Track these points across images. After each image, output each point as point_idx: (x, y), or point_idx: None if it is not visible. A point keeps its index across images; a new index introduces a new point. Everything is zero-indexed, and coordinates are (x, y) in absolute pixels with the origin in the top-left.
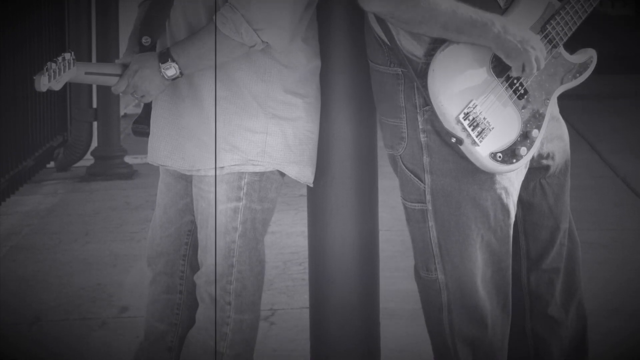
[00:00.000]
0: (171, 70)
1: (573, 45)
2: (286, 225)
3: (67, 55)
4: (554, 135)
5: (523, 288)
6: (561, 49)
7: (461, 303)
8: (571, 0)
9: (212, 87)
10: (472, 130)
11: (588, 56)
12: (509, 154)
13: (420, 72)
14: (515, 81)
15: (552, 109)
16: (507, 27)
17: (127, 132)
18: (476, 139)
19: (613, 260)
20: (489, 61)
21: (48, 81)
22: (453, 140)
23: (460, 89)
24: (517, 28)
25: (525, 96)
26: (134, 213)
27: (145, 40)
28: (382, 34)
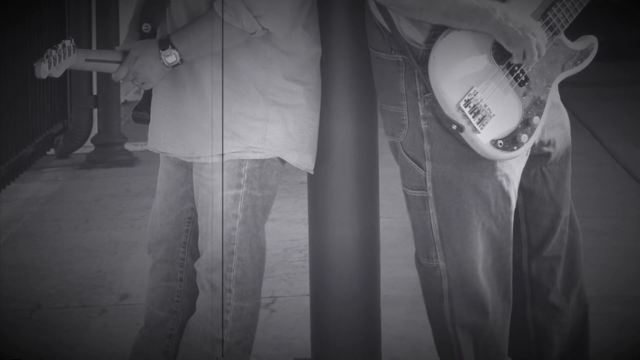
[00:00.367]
0: (171, 57)
1: (574, 32)
2: (287, 212)
3: (67, 42)
4: (555, 122)
5: (524, 275)
6: (562, 36)
7: (462, 290)
8: None
9: (212, 74)
10: (473, 117)
11: (589, 43)
12: (510, 141)
13: (421, 59)
14: (516, 68)
15: (553, 96)
16: (508, 14)
17: (128, 119)
18: (477, 126)
19: (614, 247)
20: (490, 48)
21: (48, 68)
22: (454, 127)
23: (461, 76)
24: (518, 15)
25: (526, 83)
26: (134, 200)
27: (145, 27)
28: (383, 21)
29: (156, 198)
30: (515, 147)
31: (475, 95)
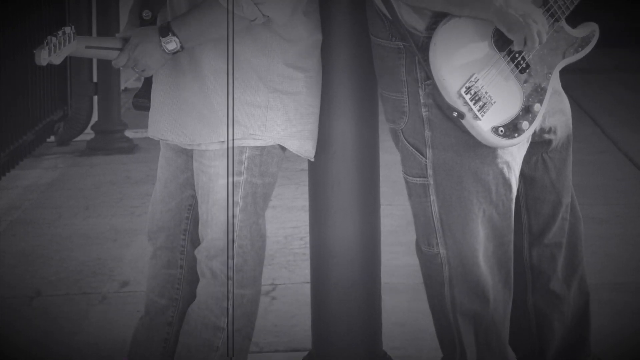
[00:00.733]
0: (172, 44)
1: (575, 19)
2: (287, 199)
3: (68, 29)
4: (556, 109)
5: (525, 263)
6: (563, 23)
7: (463, 278)
8: None
9: (213, 61)
10: (474, 104)
11: (590, 30)
12: (511, 128)
13: (421, 46)
14: (517, 55)
15: (554, 83)
16: (509, 1)
17: (128, 106)
18: (478, 113)
19: (615, 235)
20: (491, 35)
21: (48, 55)
22: (455, 114)
23: (461, 63)
24: (519, 2)
25: (527, 70)
26: (135, 187)
27: (145, 14)
28: (384, 8)
29: (156, 185)
30: (516, 134)
31: (476, 82)
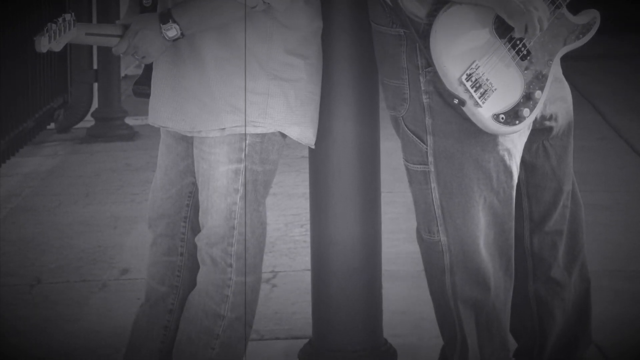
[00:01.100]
0: (172, 31)
1: (576, 6)
2: (288, 187)
3: (68, 16)
4: (557, 96)
5: (526, 250)
6: (564, 10)
7: (464, 265)
8: None
9: (213, 48)
10: (475, 91)
11: (591, 17)
12: (512, 115)
13: (422, 33)
14: (518, 42)
15: (555, 70)
16: None
17: (128, 94)
18: (479, 100)
19: (616, 222)
20: (492, 22)
21: (48, 42)
22: (455, 101)
23: (462, 50)
24: None
25: (528, 57)
26: (135, 175)
27: (146, 1)
28: None
29: (157, 172)
30: (517, 122)
31: (477, 69)
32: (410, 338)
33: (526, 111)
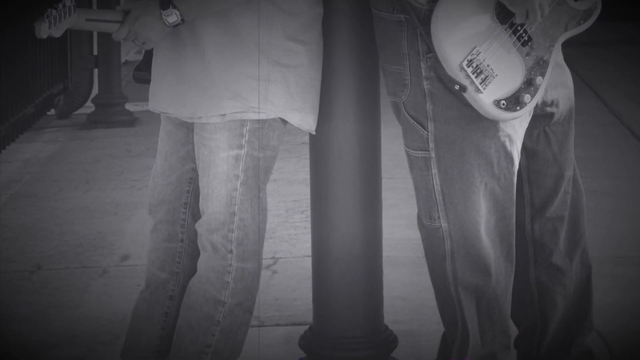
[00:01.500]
0: (172, 17)
1: None
2: (288, 173)
3: (68, 1)
4: (558, 82)
5: (527, 236)
6: None
7: (464, 251)
8: None
9: (214, 34)
10: (476, 77)
11: (592, 3)
12: (513, 101)
13: (423, 19)
14: (519, 28)
15: (556, 56)
16: None
17: (128, 79)
18: (480, 86)
19: (618, 208)
20: (493, 8)
21: (48, 28)
22: (456, 87)
23: (463, 36)
24: None
25: (529, 43)
26: (135, 161)
27: None
28: None
29: (157, 159)
30: (518, 108)
31: (478, 55)
32: (411, 324)
33: (527, 97)
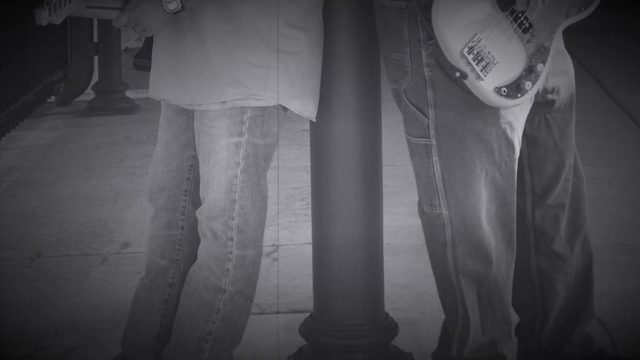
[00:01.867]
0: (173, 4)
1: None
2: (289, 160)
3: None
4: (559, 69)
5: (528, 224)
6: None
7: (465, 239)
8: None
9: (214, 21)
10: (477, 64)
11: None
12: (514, 89)
13: (424, 6)
14: (520, 15)
15: (557, 43)
16: None
17: (129, 67)
18: (480, 73)
19: (618, 195)
20: None
21: (48, 15)
22: (457, 74)
23: (464, 23)
24: None
25: (530, 30)
26: (135, 148)
27: None
28: None
29: (157, 146)
30: (519, 95)
31: (478, 42)
32: (411, 312)
33: (528, 84)
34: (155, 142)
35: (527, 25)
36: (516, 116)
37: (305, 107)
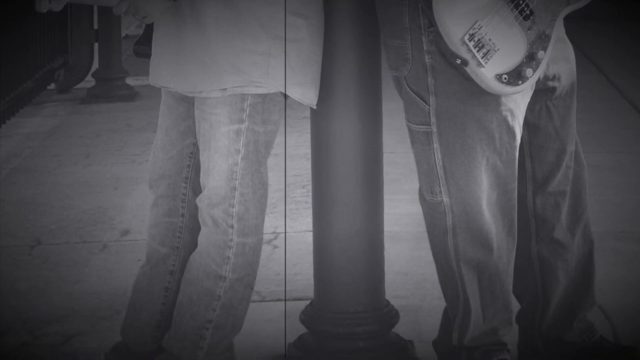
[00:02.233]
0: None
1: None
2: (289, 147)
3: None
4: (560, 56)
5: (529, 211)
6: None
7: (466, 226)
8: None
9: (214, 8)
10: (478, 51)
11: None
12: (515, 76)
13: None
14: (521, 2)
15: (559, 30)
16: None
17: (129, 54)
18: (481, 60)
19: (619, 183)
20: None
21: (49, 2)
22: (458, 61)
23: (465, 10)
24: None
25: (531, 17)
26: (136, 135)
27: None
28: None
29: (158, 133)
30: (520, 82)
31: (479, 29)
32: (412, 299)
33: (529, 71)
34: (155, 130)
35: (528, 12)
36: (517, 103)
37: (305, 95)
